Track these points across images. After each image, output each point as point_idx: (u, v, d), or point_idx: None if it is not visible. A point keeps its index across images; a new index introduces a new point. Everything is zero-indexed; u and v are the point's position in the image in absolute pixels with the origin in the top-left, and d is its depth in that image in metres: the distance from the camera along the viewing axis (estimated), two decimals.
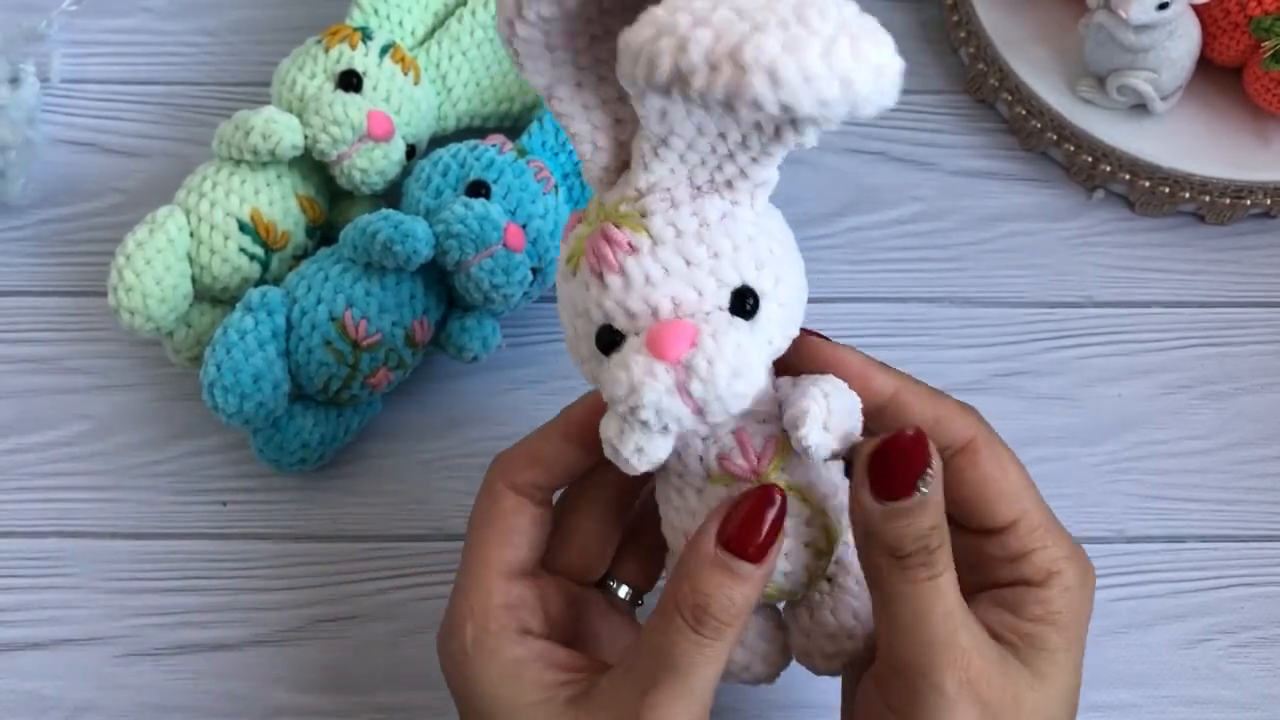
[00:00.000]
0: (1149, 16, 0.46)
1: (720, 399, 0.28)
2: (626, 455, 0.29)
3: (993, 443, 0.32)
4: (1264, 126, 0.50)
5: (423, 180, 0.45)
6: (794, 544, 0.31)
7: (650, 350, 0.28)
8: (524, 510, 0.34)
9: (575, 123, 0.30)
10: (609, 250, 0.29)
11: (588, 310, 0.29)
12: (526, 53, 0.28)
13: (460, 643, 0.32)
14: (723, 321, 0.28)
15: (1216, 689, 0.43)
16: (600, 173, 0.31)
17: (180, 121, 0.53)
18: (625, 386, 0.28)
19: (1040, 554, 0.32)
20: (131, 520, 0.46)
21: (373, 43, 0.47)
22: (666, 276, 0.28)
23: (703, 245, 0.29)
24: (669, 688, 0.29)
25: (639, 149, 0.29)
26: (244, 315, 0.42)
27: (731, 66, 0.23)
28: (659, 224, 0.29)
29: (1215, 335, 0.49)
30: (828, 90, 0.23)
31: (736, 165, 0.28)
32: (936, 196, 0.52)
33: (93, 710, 0.43)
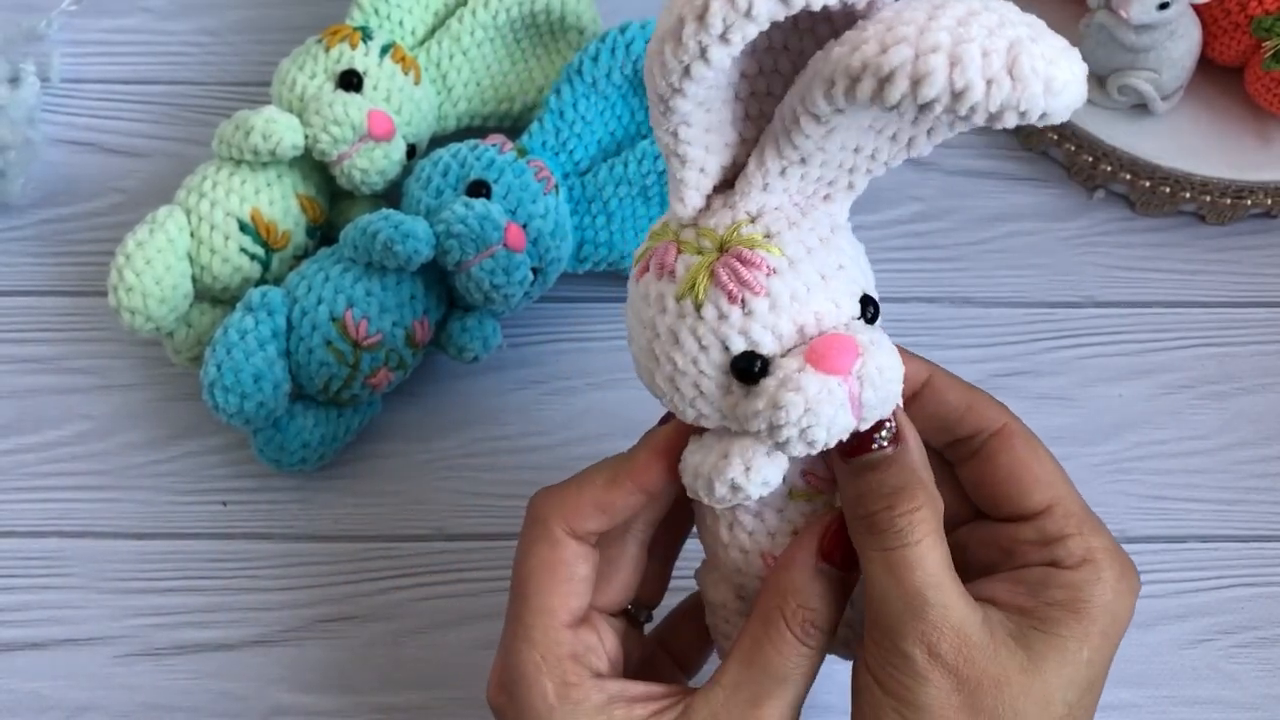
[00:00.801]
0: (1149, 16, 0.46)
1: (885, 403, 0.29)
2: (751, 491, 0.29)
3: (1026, 432, 0.33)
4: (1264, 126, 0.50)
5: (423, 180, 0.45)
6: None
7: (818, 367, 0.28)
8: (585, 558, 0.33)
9: (693, 149, 0.29)
10: (749, 273, 0.28)
11: (725, 339, 0.28)
12: (699, 78, 0.26)
13: (541, 697, 0.31)
14: (868, 330, 0.29)
15: (1217, 689, 0.43)
16: (699, 199, 0.30)
17: (180, 121, 0.53)
18: (800, 408, 0.27)
19: (1076, 540, 0.31)
20: (132, 520, 0.46)
21: (373, 42, 0.47)
22: (809, 293, 0.29)
23: (830, 258, 0.29)
24: (779, 700, 0.30)
25: (761, 169, 0.29)
26: (244, 315, 0.42)
27: (1010, 80, 0.24)
28: (790, 242, 0.29)
29: (1216, 335, 0.49)
30: (1076, 95, 0.25)
31: (851, 178, 0.29)
32: (936, 196, 0.52)
33: (93, 710, 0.43)
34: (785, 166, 0.28)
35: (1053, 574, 0.31)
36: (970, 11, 0.25)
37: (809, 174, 0.29)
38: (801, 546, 0.30)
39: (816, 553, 0.30)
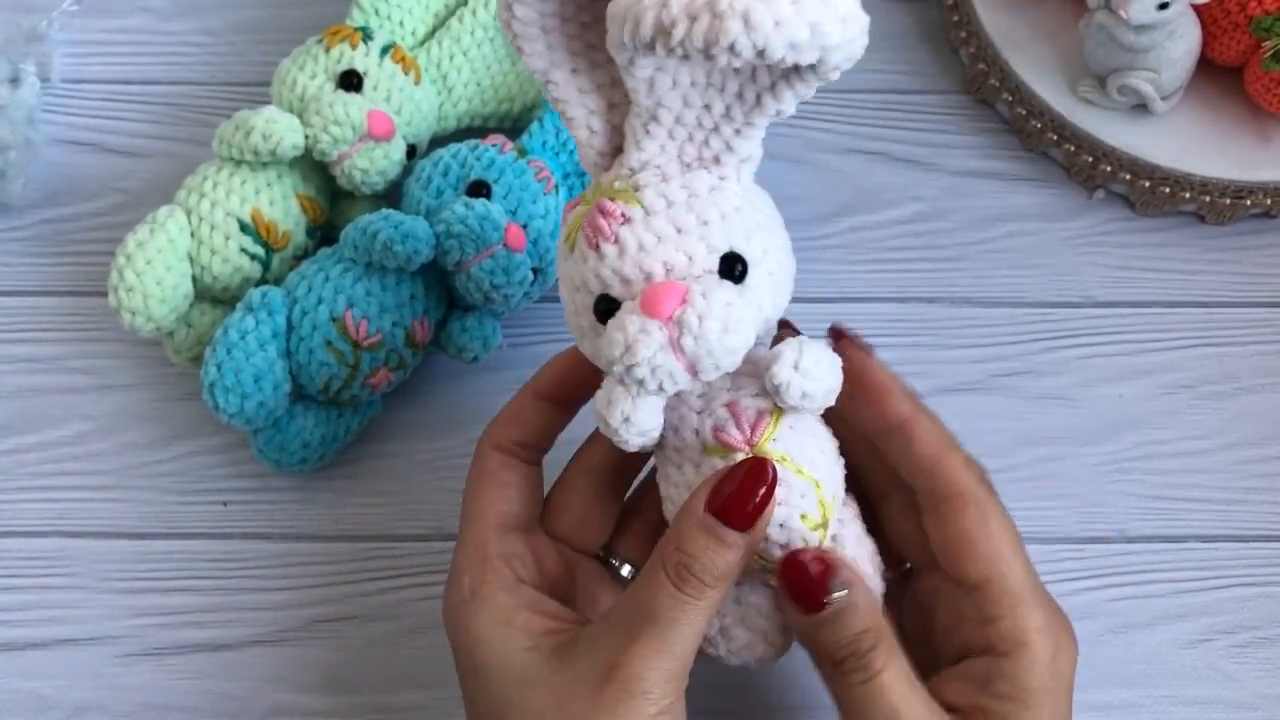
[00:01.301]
0: (1149, 16, 0.46)
1: (711, 353, 0.29)
2: (615, 425, 0.31)
3: (983, 501, 0.33)
4: (1264, 126, 0.50)
5: (423, 180, 0.45)
6: (787, 514, 0.32)
7: (644, 309, 0.29)
8: (510, 467, 0.36)
9: (571, 107, 0.32)
10: (604, 222, 0.30)
11: (585, 281, 0.31)
12: (524, 35, 0.30)
13: (459, 593, 0.34)
14: (713, 282, 0.30)
15: (1216, 689, 0.43)
16: (596, 157, 0.32)
17: (180, 121, 0.53)
18: (620, 345, 0.29)
19: (1004, 623, 0.32)
20: (132, 520, 0.46)
21: (373, 43, 0.47)
22: (659, 243, 0.30)
23: (692, 214, 0.30)
24: (648, 641, 0.30)
25: (630, 128, 0.31)
26: (245, 315, 0.42)
27: (709, 16, 0.25)
28: (651, 196, 0.30)
29: (1215, 335, 0.49)
30: (797, 33, 0.25)
31: (722, 139, 0.31)
32: (936, 196, 0.52)
33: (93, 710, 0.43)
34: (644, 124, 0.30)
35: (993, 665, 0.32)
36: None
37: (674, 132, 0.31)
38: (694, 495, 0.31)
39: (703, 503, 0.31)
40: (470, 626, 0.33)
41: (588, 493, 0.37)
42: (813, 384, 0.31)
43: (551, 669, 0.31)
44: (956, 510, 0.33)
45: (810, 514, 0.32)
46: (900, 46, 0.55)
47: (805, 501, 0.32)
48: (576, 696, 0.31)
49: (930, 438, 0.33)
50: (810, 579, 0.31)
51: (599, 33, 0.30)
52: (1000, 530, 0.33)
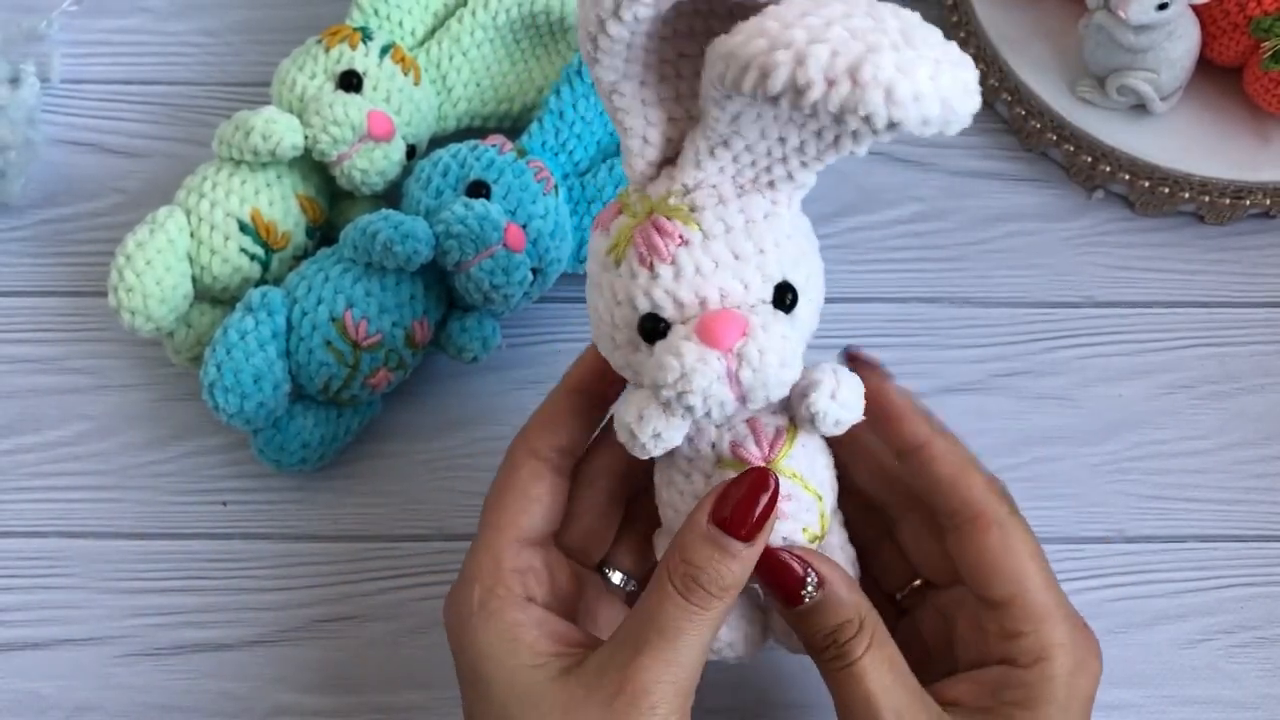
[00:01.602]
0: (1148, 17, 0.46)
1: (766, 386, 0.29)
2: (644, 440, 0.31)
3: (1005, 520, 0.33)
4: (1264, 126, 0.50)
5: (423, 180, 0.45)
6: (792, 527, 0.32)
7: (702, 338, 0.29)
8: (541, 478, 0.35)
9: (631, 118, 0.31)
10: (661, 240, 0.30)
11: (632, 298, 0.30)
12: (608, 50, 0.29)
13: (466, 602, 0.33)
14: (769, 314, 0.30)
15: (1216, 689, 0.43)
16: (645, 167, 0.31)
17: (180, 121, 0.53)
18: (676, 372, 0.29)
19: (1029, 638, 0.33)
20: (132, 520, 0.46)
21: (373, 43, 0.47)
22: (716, 269, 0.30)
23: (750, 240, 0.30)
24: (656, 653, 0.30)
25: (694, 146, 0.30)
26: (244, 315, 0.42)
27: (850, 83, 0.25)
28: (709, 219, 0.30)
29: (1215, 335, 0.49)
30: (931, 109, 0.25)
31: (786, 168, 0.30)
32: (936, 196, 0.52)
33: (93, 710, 0.43)
34: (711, 147, 0.30)
35: (1009, 674, 0.33)
36: (845, 13, 0.25)
37: (739, 157, 0.30)
38: (699, 507, 0.31)
39: (708, 514, 0.31)
40: (476, 640, 0.33)
41: (597, 502, 0.37)
42: (847, 413, 0.31)
43: (559, 686, 0.31)
44: (979, 531, 0.33)
45: (811, 527, 0.33)
46: None
47: (809, 516, 0.33)
48: (584, 713, 0.31)
49: (949, 459, 0.34)
50: (789, 576, 0.32)
51: (674, 47, 0.30)
52: (1023, 548, 0.33)
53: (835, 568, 0.33)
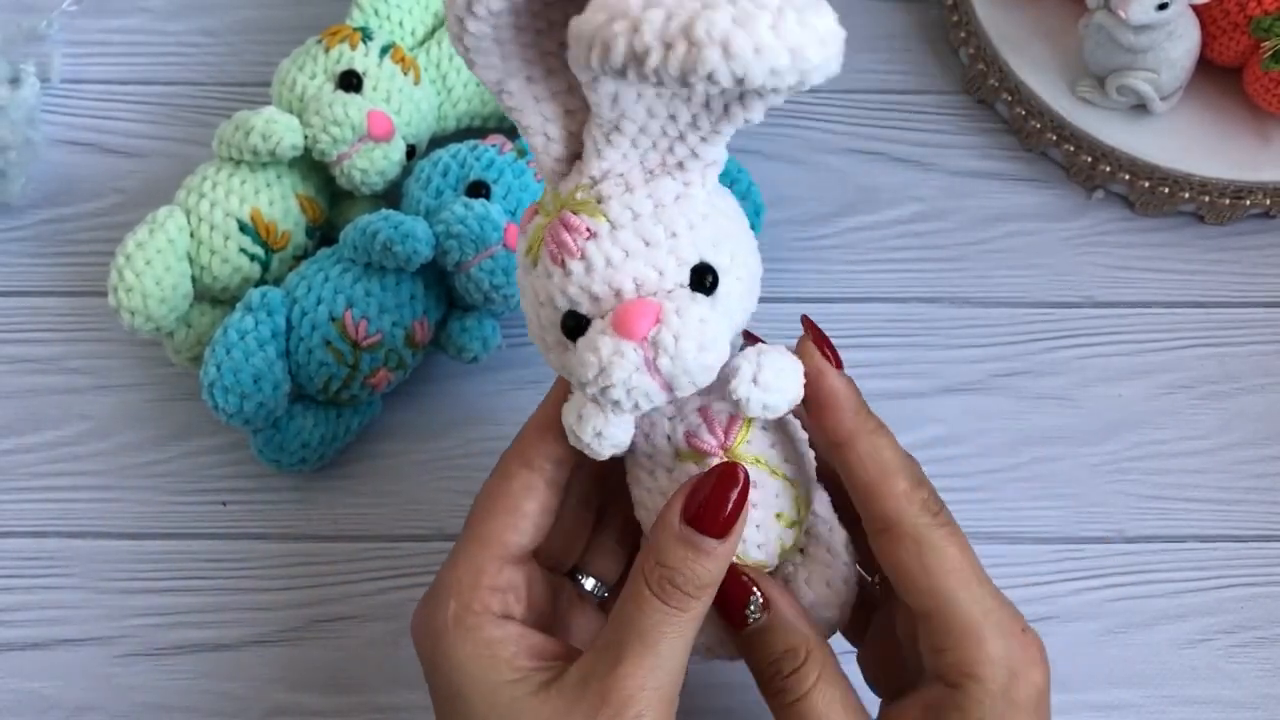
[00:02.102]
0: (1148, 17, 0.46)
1: (688, 372, 0.28)
2: (587, 440, 0.30)
3: (922, 533, 0.31)
4: (1264, 126, 0.50)
5: (423, 180, 0.45)
6: (764, 515, 0.32)
7: (616, 330, 0.28)
8: (533, 491, 0.33)
9: (527, 115, 0.30)
10: (569, 237, 0.29)
11: (551, 298, 0.30)
12: (477, 48, 0.28)
13: (441, 616, 0.32)
14: (685, 298, 0.29)
15: (1216, 689, 0.43)
16: (553, 164, 0.31)
17: (180, 121, 0.53)
18: (595, 368, 0.28)
19: (950, 655, 0.31)
20: (131, 520, 0.46)
21: (373, 43, 0.47)
22: (627, 258, 0.29)
23: (660, 225, 0.29)
24: (638, 659, 0.30)
25: (591, 137, 0.30)
26: (244, 315, 0.42)
27: (685, 43, 0.24)
28: (616, 208, 0.29)
29: (1215, 335, 0.49)
30: (778, 60, 0.24)
31: (687, 146, 0.29)
32: (936, 196, 0.52)
33: (93, 710, 0.43)
34: (605, 134, 0.29)
35: (944, 694, 0.31)
36: None
37: (637, 141, 0.29)
38: (669, 507, 0.31)
39: (679, 513, 0.30)
40: (451, 655, 0.32)
41: (570, 509, 0.36)
42: (773, 396, 0.30)
43: (540, 701, 0.31)
44: (892, 543, 0.31)
45: (785, 512, 0.32)
46: (900, 46, 0.55)
47: (780, 501, 0.32)
48: None
49: (869, 462, 0.32)
50: (733, 589, 0.31)
51: (554, 39, 0.29)
52: (940, 563, 0.31)
53: (785, 594, 0.32)
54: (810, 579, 0.33)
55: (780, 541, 0.32)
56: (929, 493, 0.32)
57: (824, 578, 0.33)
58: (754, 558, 0.32)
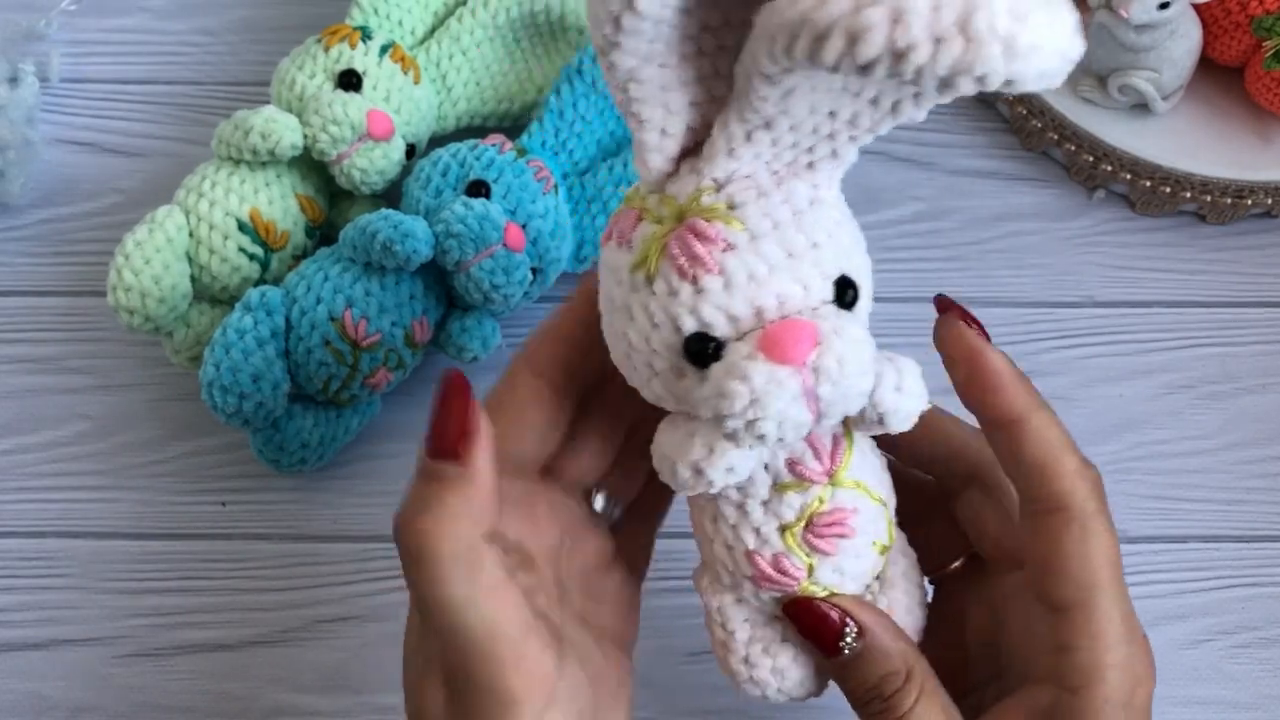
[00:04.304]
0: (1150, 16, 0.46)
1: (846, 399, 0.26)
2: (714, 477, 0.27)
3: (1090, 518, 0.30)
4: (1265, 126, 0.50)
5: (422, 180, 0.45)
6: (863, 544, 0.30)
7: (769, 355, 0.25)
8: (540, 401, 0.30)
9: (648, 108, 0.26)
10: (703, 248, 0.26)
11: (675, 318, 0.26)
12: (634, 30, 0.24)
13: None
14: (836, 316, 0.26)
15: (1217, 689, 0.43)
16: (664, 163, 0.27)
17: (180, 121, 0.53)
18: (745, 399, 0.25)
19: (1082, 654, 0.29)
20: (131, 520, 0.46)
21: (372, 42, 0.47)
22: (770, 273, 0.26)
23: (801, 234, 0.26)
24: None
25: (725, 133, 0.26)
26: (243, 315, 0.42)
27: (962, 40, 0.21)
28: (754, 215, 0.26)
29: (1217, 335, 0.49)
30: (1048, 62, 0.21)
31: (832, 145, 0.27)
32: (936, 196, 0.52)
33: (93, 710, 0.43)
34: (750, 131, 0.26)
35: (1060, 700, 0.30)
36: None
37: (780, 140, 0.26)
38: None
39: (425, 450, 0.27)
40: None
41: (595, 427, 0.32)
42: (915, 403, 0.28)
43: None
44: (1058, 526, 0.30)
45: (880, 538, 0.30)
46: None
47: (877, 527, 0.30)
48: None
49: (1043, 440, 0.30)
50: (823, 624, 0.30)
51: (702, 17, 0.26)
52: (1101, 554, 0.30)
53: (879, 615, 0.30)
54: (892, 606, 0.31)
55: (873, 570, 0.31)
56: (1096, 473, 0.30)
57: (905, 602, 0.32)
58: (848, 589, 0.30)
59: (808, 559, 0.29)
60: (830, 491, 0.29)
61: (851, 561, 0.30)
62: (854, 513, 0.29)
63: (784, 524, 0.29)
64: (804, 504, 0.29)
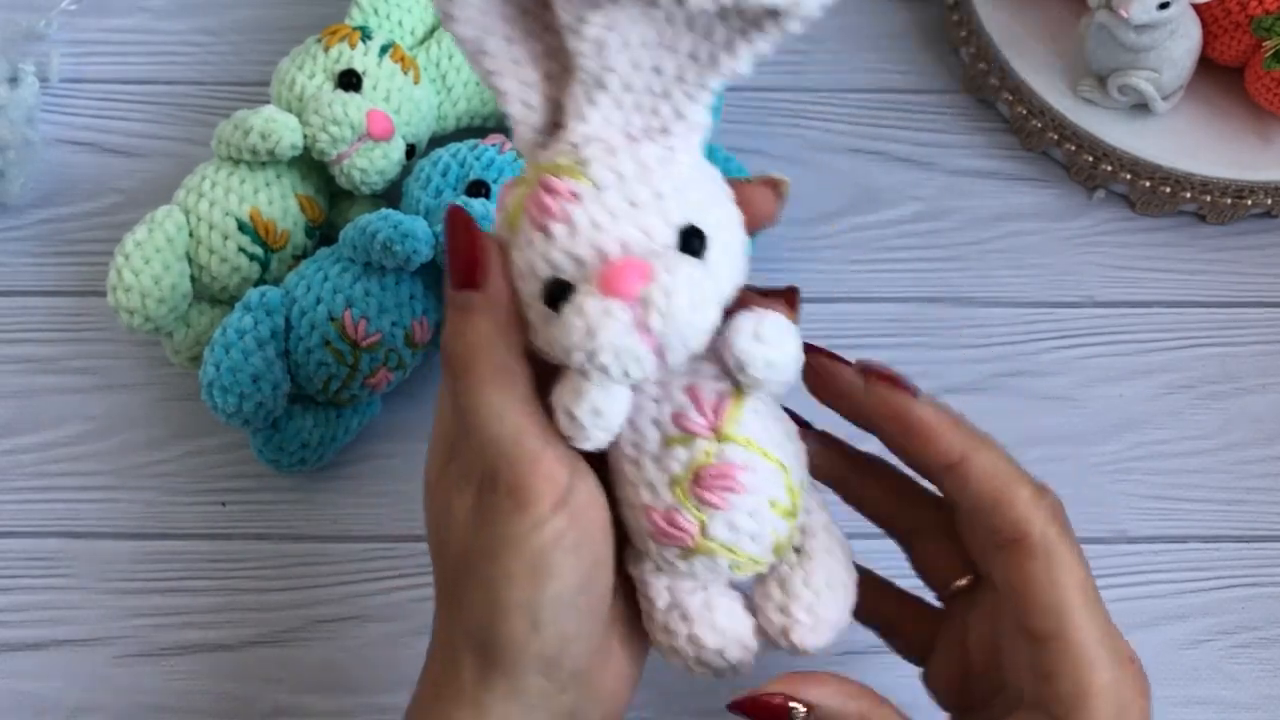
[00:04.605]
0: (1150, 16, 0.46)
1: (680, 332, 0.27)
2: (584, 420, 0.29)
3: (1052, 545, 0.30)
4: (1265, 126, 0.50)
5: (422, 180, 0.45)
6: (756, 501, 0.30)
7: (604, 289, 0.27)
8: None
9: (505, 80, 0.30)
10: (551, 200, 0.28)
11: (533, 267, 0.29)
12: (462, 2, 0.28)
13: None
14: (674, 257, 0.28)
15: (1217, 689, 0.43)
16: (533, 135, 0.30)
17: (180, 121, 0.53)
18: (581, 330, 0.27)
19: (1064, 681, 0.30)
20: (131, 520, 0.46)
21: (372, 42, 0.47)
22: (613, 220, 0.28)
23: (646, 187, 0.28)
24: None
25: (573, 98, 0.29)
26: (243, 315, 0.42)
27: None
28: (599, 170, 0.28)
29: (1216, 335, 0.49)
30: None
31: (672, 105, 0.29)
32: (936, 196, 0.52)
33: (92, 711, 0.43)
34: (588, 92, 0.29)
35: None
36: None
37: (622, 101, 0.29)
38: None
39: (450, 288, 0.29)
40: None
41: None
42: (776, 351, 0.29)
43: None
44: (1021, 557, 0.30)
45: (779, 500, 0.31)
46: (900, 46, 0.55)
47: (773, 487, 0.31)
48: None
49: (990, 475, 0.30)
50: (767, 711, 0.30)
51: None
52: (1069, 580, 0.30)
53: (824, 683, 0.31)
54: (809, 578, 0.32)
55: (775, 533, 0.31)
56: (1053, 498, 0.31)
57: (824, 576, 0.32)
58: (747, 549, 0.31)
59: (699, 514, 0.30)
60: (717, 446, 0.30)
61: (745, 519, 0.30)
62: (744, 469, 0.30)
63: (673, 477, 0.30)
64: (690, 457, 0.30)
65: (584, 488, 0.29)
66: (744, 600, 0.33)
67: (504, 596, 0.29)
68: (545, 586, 0.29)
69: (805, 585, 0.32)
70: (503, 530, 0.29)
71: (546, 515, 0.28)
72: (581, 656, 0.30)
